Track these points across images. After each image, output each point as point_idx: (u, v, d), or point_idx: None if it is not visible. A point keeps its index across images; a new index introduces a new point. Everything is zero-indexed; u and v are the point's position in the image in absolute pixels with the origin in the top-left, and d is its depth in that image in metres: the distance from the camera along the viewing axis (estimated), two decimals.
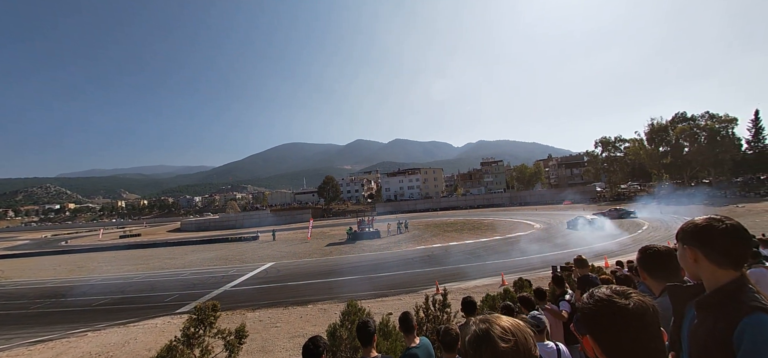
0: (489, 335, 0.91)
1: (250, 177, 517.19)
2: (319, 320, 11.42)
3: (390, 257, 22.94)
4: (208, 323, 4.70)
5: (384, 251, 25.63)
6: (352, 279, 17.26)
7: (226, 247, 37.27)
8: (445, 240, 28.37)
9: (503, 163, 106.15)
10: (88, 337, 11.73)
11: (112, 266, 28.79)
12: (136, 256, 35.19)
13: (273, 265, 23.26)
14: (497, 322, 0.94)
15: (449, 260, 19.84)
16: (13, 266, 33.97)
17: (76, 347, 10.89)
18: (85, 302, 16.91)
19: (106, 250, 43.25)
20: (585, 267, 4.93)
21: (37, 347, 11.18)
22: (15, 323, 14.27)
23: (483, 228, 34.42)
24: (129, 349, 10.30)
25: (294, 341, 9.88)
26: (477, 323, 0.96)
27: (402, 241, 29.94)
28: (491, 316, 0.97)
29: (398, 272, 17.84)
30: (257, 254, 29.16)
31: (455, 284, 14.19)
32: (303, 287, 16.43)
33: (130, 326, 12.58)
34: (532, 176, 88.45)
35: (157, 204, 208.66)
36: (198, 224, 78.94)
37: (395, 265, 19.90)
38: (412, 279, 16.12)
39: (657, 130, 61.21)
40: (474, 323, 0.97)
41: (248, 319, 12.13)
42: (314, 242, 34.15)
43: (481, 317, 0.99)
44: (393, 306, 12.04)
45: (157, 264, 28.12)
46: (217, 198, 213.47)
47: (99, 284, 21.59)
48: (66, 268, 29.81)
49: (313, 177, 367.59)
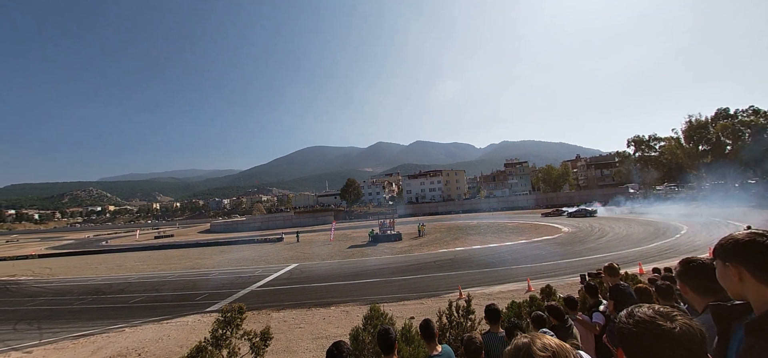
0: (529, 350, 0.90)
1: (275, 180, 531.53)
2: (342, 323, 11.51)
3: (412, 259, 22.80)
4: (235, 324, 4.86)
5: (406, 253, 25.51)
6: (374, 282, 17.30)
7: (252, 248, 38.43)
8: (468, 243, 27.87)
9: (528, 165, 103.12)
10: (125, 333, 12.44)
11: (147, 265, 30.43)
12: (169, 256, 36.99)
13: (297, 266, 23.73)
14: (540, 339, 0.93)
15: (472, 264, 19.46)
16: (60, 264, 36.69)
17: (115, 341, 11.57)
18: (124, 299, 17.97)
19: (142, 250, 45.78)
20: (616, 276, 4.63)
21: (80, 340, 11.98)
22: (61, 317, 15.37)
23: (507, 231, 33.53)
24: (162, 345, 10.82)
25: (317, 343, 10.01)
26: (520, 338, 0.98)
27: (424, 243, 29.69)
28: (536, 334, 0.97)
29: (420, 276, 17.70)
30: (281, 256, 29.86)
31: (479, 289, 13.89)
32: (326, 289, 16.64)
33: (164, 323, 13.22)
34: (559, 178, 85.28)
35: (189, 206, 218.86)
36: (226, 226, 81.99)
37: (417, 268, 19.76)
38: (435, 283, 15.94)
39: (696, 128, 57.28)
40: (520, 337, 0.99)
41: (273, 319, 12.43)
42: (337, 244, 34.54)
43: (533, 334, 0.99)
44: (415, 310, 11.95)
45: (189, 264, 29.42)
46: (244, 200, 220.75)
47: (136, 282, 22.89)
48: (106, 266, 31.82)
49: (335, 180, 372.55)
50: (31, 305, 18.34)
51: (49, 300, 19.36)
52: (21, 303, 19.11)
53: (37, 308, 17.73)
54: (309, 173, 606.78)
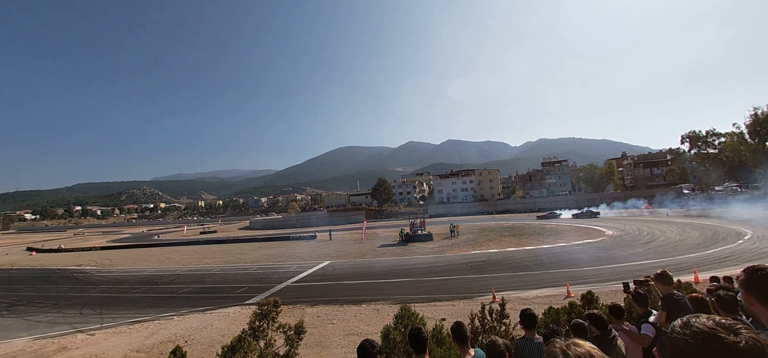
0: None
1: (309, 179, 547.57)
2: (373, 320, 11.62)
3: (443, 260, 22.49)
4: (271, 317, 5.09)
5: (437, 254, 25.22)
6: (404, 281, 17.29)
7: (288, 245, 39.90)
8: (502, 245, 26.98)
9: (568, 163, 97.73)
10: (174, 320, 13.43)
11: (193, 259, 32.64)
12: (212, 250, 39.42)
13: (329, 263, 24.29)
14: (578, 347, 0.87)
15: (507, 267, 18.81)
16: (118, 255, 40.41)
17: (165, 328, 12.53)
18: (172, 290, 19.42)
19: (189, 244, 49.16)
20: (670, 284, 4.19)
21: (135, 326, 13.11)
22: (119, 304, 16.93)
23: (545, 233, 32.02)
24: (206, 334, 11.55)
25: (349, 339, 10.18)
26: (556, 344, 0.92)
27: (455, 244, 29.16)
28: (574, 340, 0.91)
29: (452, 277, 17.41)
30: (315, 253, 30.71)
31: (514, 293, 13.41)
32: (357, 287, 16.89)
33: (208, 313, 14.12)
34: (602, 177, 79.97)
35: (230, 204, 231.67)
36: (264, 223, 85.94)
37: (448, 269, 19.46)
38: (467, 285, 15.61)
39: (762, 122, 51.07)
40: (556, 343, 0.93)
41: (307, 314, 12.82)
42: (367, 243, 34.90)
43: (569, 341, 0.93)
44: (446, 312, 11.79)
45: (230, 258, 31.16)
46: (280, 199, 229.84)
47: (183, 274, 24.65)
48: (157, 259, 34.56)
49: (366, 179, 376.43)
50: (94, 292, 20.38)
51: (109, 288, 21.40)
52: (86, 290, 21.30)
53: (99, 295, 19.66)
54: (341, 173, 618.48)
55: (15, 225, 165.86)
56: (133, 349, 10.67)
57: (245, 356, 4.25)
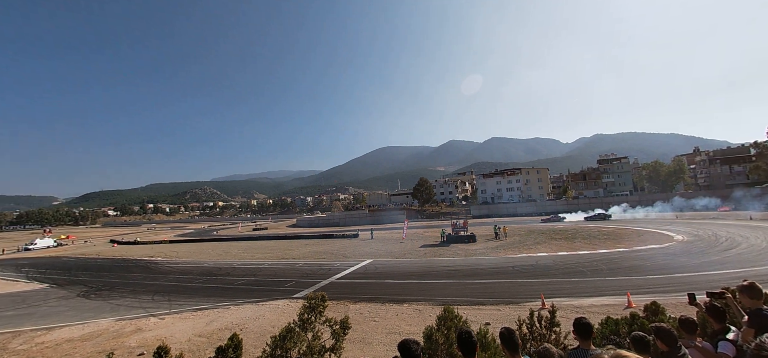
0: None
1: (351, 179, 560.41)
2: (415, 321, 11.60)
3: (487, 262, 21.74)
4: (318, 311, 5.33)
5: (480, 256, 24.45)
6: (446, 283, 17.01)
7: (332, 242, 41.25)
8: (552, 249, 25.40)
9: (628, 160, 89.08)
10: (230, 310, 14.56)
11: (247, 254, 35.08)
12: (264, 246, 42.02)
13: (371, 262, 24.68)
14: None
15: (557, 272, 17.68)
16: (184, 249, 44.71)
17: (223, 316, 13.63)
18: (229, 282, 21.06)
19: (243, 240, 52.93)
20: (758, 298, 3.63)
21: (198, 313, 14.42)
22: (184, 293, 18.73)
23: (602, 237, 29.55)
24: (258, 324, 12.36)
25: (390, 337, 10.28)
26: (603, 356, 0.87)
27: (500, 247, 28.04)
28: (621, 353, 0.85)
29: (496, 280, 16.78)
30: (357, 251, 31.39)
31: (565, 300, 12.57)
32: (399, 286, 16.96)
33: (260, 304, 15.10)
34: (670, 175, 71.81)
35: (279, 203, 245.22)
36: (310, 221, 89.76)
37: (493, 272, 18.77)
38: (513, 289, 14.94)
39: None
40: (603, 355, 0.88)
41: (350, 310, 13.17)
42: (409, 243, 34.87)
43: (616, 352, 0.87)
44: (491, 316, 11.40)
45: (279, 254, 33.01)
46: (325, 199, 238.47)
47: (238, 267, 26.60)
48: (216, 253, 37.66)
49: (406, 179, 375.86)
50: (164, 281, 22.78)
51: (176, 278, 23.77)
52: (157, 279, 23.90)
53: (168, 283, 21.94)
54: (382, 173, 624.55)
55: (100, 220, 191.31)
56: (196, 333, 11.76)
57: (295, 346, 4.51)
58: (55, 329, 13.25)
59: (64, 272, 29.46)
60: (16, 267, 35.14)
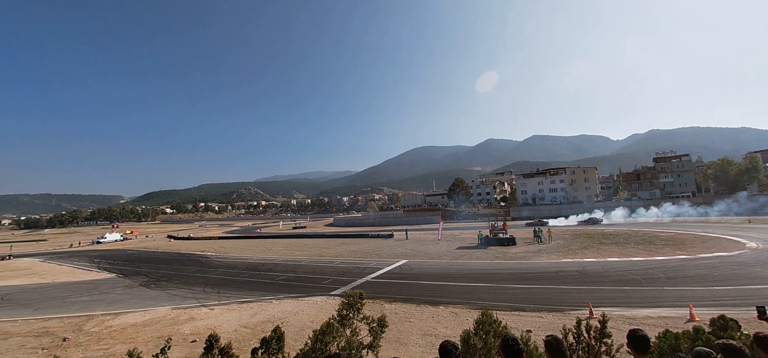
0: None
1: (386, 180, 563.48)
2: (451, 324, 11.41)
3: (528, 267, 20.78)
4: (356, 308, 5.44)
5: (521, 259, 23.43)
6: (484, 286, 16.51)
7: (367, 242, 41.78)
8: (600, 254, 23.68)
9: (690, 158, 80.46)
10: (272, 303, 15.29)
11: (287, 251, 36.63)
12: (303, 244, 43.62)
13: (406, 262, 24.64)
14: None
15: (607, 279, 16.44)
16: (231, 245, 47.70)
17: (266, 309, 14.36)
18: (271, 277, 22.12)
19: (284, 237, 55.34)
20: None
21: (243, 305, 15.31)
22: (231, 286, 19.98)
23: (658, 243, 27.00)
24: (298, 319, 12.86)
25: (426, 339, 10.19)
26: None
27: (543, 250, 26.66)
28: None
29: (538, 286, 15.98)
30: (392, 251, 31.49)
31: (617, 310, 11.66)
32: (434, 288, 16.77)
33: (300, 299, 15.69)
34: (740, 175, 63.73)
35: (317, 203, 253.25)
36: (346, 221, 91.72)
37: (535, 277, 17.90)
38: (557, 296, 14.14)
39: None
40: None
41: (385, 310, 13.25)
42: (444, 244, 34.33)
43: None
44: (533, 323, 10.89)
45: (317, 252, 34.07)
46: (360, 199, 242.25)
47: (280, 263, 27.86)
48: (259, 249, 39.73)
49: (441, 179, 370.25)
50: (214, 274, 24.46)
51: (224, 272, 25.42)
52: (207, 272, 25.73)
53: (217, 276, 23.53)
54: (416, 173, 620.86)
55: (159, 217, 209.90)
56: (241, 324, 12.50)
57: (334, 340, 4.65)
58: (121, 315, 14.76)
59: (128, 264, 32.75)
60: (90, 258, 39.72)
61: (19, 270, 32.14)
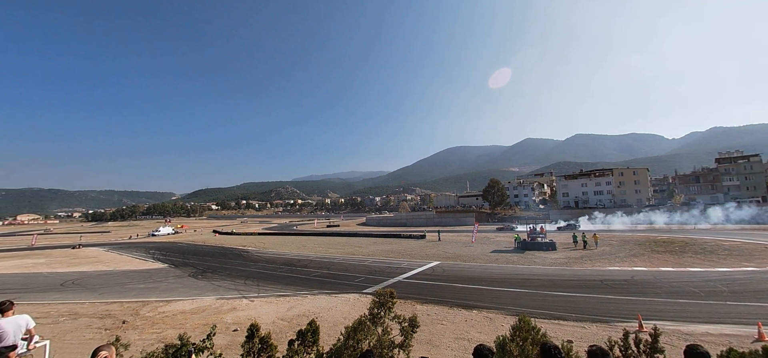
0: None
1: (418, 180, 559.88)
2: (485, 329, 11.10)
3: (569, 274, 19.66)
4: (387, 307, 5.48)
5: (561, 266, 22.22)
6: (520, 292, 15.87)
7: (399, 242, 41.79)
8: (652, 262, 21.81)
9: (760, 159, 71.51)
10: (307, 298, 15.80)
11: (321, 248, 37.65)
12: (336, 242, 44.60)
13: (439, 264, 24.32)
14: None
15: (660, 291, 15.11)
16: (269, 240, 49.90)
17: (301, 304, 14.87)
18: (306, 273, 22.86)
19: (318, 235, 56.92)
20: None
21: (280, 299, 15.97)
22: (270, 279, 20.91)
23: (721, 252, 24.32)
24: (331, 314, 13.17)
25: (459, 343, 10.00)
26: None
27: (586, 257, 25.09)
28: None
29: (580, 294, 15.05)
30: (424, 252, 31.23)
31: (670, 325, 10.70)
32: (467, 291, 16.40)
33: (333, 296, 16.08)
34: None
35: (350, 202, 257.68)
36: (378, 220, 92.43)
37: (576, 285, 16.89)
38: (601, 306, 13.24)
39: None
40: None
41: (417, 311, 13.18)
42: (478, 247, 33.44)
43: None
44: (574, 334, 10.29)
45: (350, 250, 34.68)
46: (392, 199, 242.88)
47: (314, 260, 28.73)
48: (296, 246, 41.19)
49: (476, 180, 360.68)
50: (254, 268, 25.76)
51: (263, 266, 26.68)
52: (248, 265, 27.14)
53: (257, 270, 24.75)
54: (450, 174, 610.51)
55: (206, 213, 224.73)
56: (279, 317, 13.06)
57: (366, 338, 4.72)
58: (172, 302, 16.01)
59: (179, 255, 35.43)
60: (146, 249, 43.47)
61: (87, 258, 36.00)
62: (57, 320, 13.51)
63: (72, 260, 34.17)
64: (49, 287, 20.78)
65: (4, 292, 19.29)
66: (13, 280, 23.95)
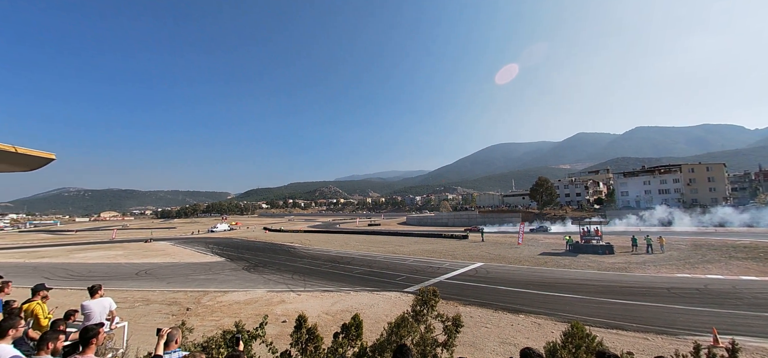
0: None
1: (460, 179, 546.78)
2: (533, 334, 10.60)
3: (630, 280, 18.02)
4: (430, 305, 5.48)
5: (620, 271, 20.43)
6: (573, 298, 14.87)
7: (440, 242, 41.24)
8: (730, 270, 19.21)
9: None
10: (350, 295, 16.24)
11: (363, 246, 38.40)
12: (377, 240, 45.22)
13: (482, 265, 23.62)
14: None
15: (740, 302, 13.28)
16: (314, 238, 52.01)
17: (344, 299, 15.33)
18: (349, 270, 23.49)
19: (360, 233, 58.16)
20: None
21: (325, 294, 16.59)
22: (315, 275, 21.80)
23: None
24: (373, 311, 13.42)
25: (504, 348, 9.67)
26: None
27: (650, 262, 22.80)
28: None
29: (644, 303, 13.73)
30: (467, 253, 30.50)
31: (753, 341, 9.38)
32: (513, 294, 15.74)
33: (375, 293, 16.36)
34: None
35: (390, 201, 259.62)
36: (418, 220, 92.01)
37: (639, 292, 15.43)
38: (668, 317, 11.97)
39: None
40: None
41: (460, 312, 12.93)
42: (525, 249, 31.89)
43: None
44: (635, 346, 9.45)
45: (391, 249, 34.95)
46: (433, 198, 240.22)
47: (357, 257, 29.40)
48: (339, 243, 42.47)
49: (522, 178, 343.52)
50: (300, 263, 27.02)
51: (309, 262, 27.88)
52: (295, 261, 28.53)
53: (303, 265, 25.93)
54: (493, 172, 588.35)
55: (257, 211, 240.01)
56: (323, 311, 13.60)
57: (408, 334, 4.78)
58: (228, 293, 17.36)
59: (234, 250, 38.27)
60: (206, 244, 47.55)
61: (157, 251, 40.27)
62: (133, 305, 15.32)
63: (145, 253, 38.45)
64: (126, 276, 23.62)
65: (92, 278, 22.28)
66: (98, 268, 27.58)
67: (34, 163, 3.37)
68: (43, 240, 67.30)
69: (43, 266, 29.10)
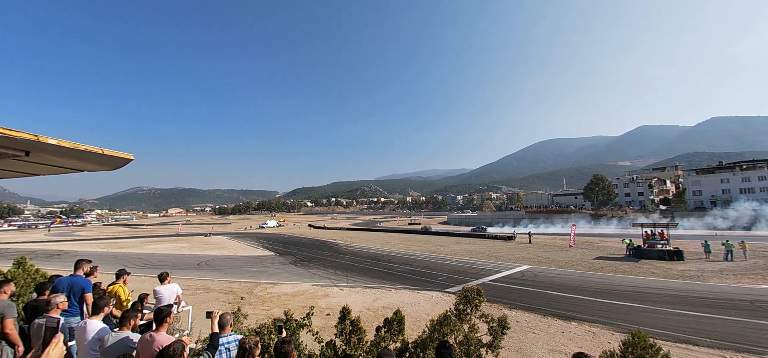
0: None
1: (504, 178, 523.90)
2: (587, 344, 9.87)
3: (702, 290, 16.01)
4: (474, 304, 5.35)
5: (692, 279, 18.24)
6: (634, 307, 13.57)
7: (483, 243, 39.94)
8: None
9: None
10: (391, 292, 16.37)
11: (403, 245, 38.47)
12: (418, 239, 45.04)
13: (529, 268, 22.48)
14: None
15: None
16: (355, 235, 53.18)
17: (385, 296, 15.49)
18: (390, 268, 23.67)
19: (400, 232, 58.35)
20: None
21: (366, 290, 16.90)
22: (357, 272, 22.29)
23: None
24: (414, 310, 13.39)
25: (554, 356, 9.13)
26: None
27: (728, 271, 20.06)
28: None
29: (720, 316, 12.13)
30: (512, 255, 29.21)
31: None
32: (564, 300, 14.76)
33: (415, 292, 16.32)
34: None
35: (431, 200, 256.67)
36: (460, 219, 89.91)
37: (715, 304, 13.66)
38: (751, 333, 10.44)
39: None
40: None
41: (505, 314, 12.45)
42: (578, 252, 29.74)
43: None
44: None
45: (432, 248, 34.60)
46: (475, 197, 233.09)
47: (397, 256, 29.53)
48: (379, 241, 42.96)
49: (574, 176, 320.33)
50: (343, 260, 27.79)
51: (351, 258, 28.57)
52: (338, 257, 29.40)
53: (345, 262, 26.64)
54: (541, 170, 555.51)
55: (302, 209, 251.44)
56: (365, 306, 13.86)
57: (451, 333, 4.72)
58: (277, 285, 18.39)
59: (282, 245, 40.44)
60: (257, 239, 50.80)
61: (215, 244, 43.85)
62: (195, 292, 16.84)
63: (205, 246, 42.08)
64: (189, 266, 26.03)
65: (161, 267, 24.88)
66: (166, 259, 30.71)
67: (117, 162, 3.87)
68: (121, 233, 76.89)
69: (121, 255, 33.16)
